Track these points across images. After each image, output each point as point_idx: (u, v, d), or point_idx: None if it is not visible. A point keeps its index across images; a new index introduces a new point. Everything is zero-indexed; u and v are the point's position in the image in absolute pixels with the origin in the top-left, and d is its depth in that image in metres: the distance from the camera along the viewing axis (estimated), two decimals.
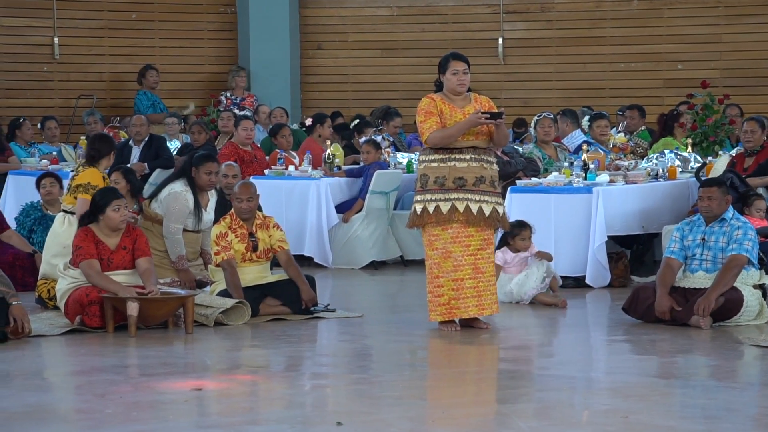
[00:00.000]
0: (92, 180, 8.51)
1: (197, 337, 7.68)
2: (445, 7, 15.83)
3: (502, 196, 7.90)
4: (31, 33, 14.89)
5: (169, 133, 13.62)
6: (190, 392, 6.17)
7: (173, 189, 8.81)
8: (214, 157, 9.05)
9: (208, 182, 8.83)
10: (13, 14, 14.75)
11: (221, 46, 15.88)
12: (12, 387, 6.44)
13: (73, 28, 15.09)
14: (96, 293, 7.81)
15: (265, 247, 8.45)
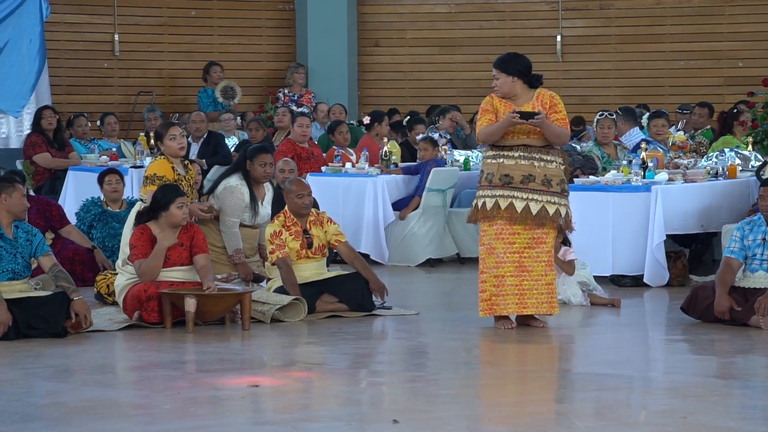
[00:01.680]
0: (158, 171, 8.53)
1: (254, 334, 7.72)
2: (503, 4, 15.77)
3: (564, 196, 7.71)
4: (92, 30, 15.03)
5: (226, 130, 13.69)
6: (246, 388, 6.20)
7: (229, 183, 8.88)
8: (267, 148, 9.11)
9: (263, 174, 8.89)
10: (75, 11, 14.89)
11: (280, 43, 15.94)
12: (72, 382, 6.51)
13: (133, 25, 15.22)
14: (154, 289, 7.87)
15: (320, 244, 8.46)
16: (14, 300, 7.43)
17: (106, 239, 9.76)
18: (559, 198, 7.67)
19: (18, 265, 7.62)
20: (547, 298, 7.73)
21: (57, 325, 7.48)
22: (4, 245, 7.58)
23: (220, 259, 8.79)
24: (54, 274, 7.65)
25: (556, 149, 7.71)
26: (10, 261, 7.58)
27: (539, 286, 7.71)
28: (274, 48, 15.93)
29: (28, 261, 7.70)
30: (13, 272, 7.60)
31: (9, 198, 7.60)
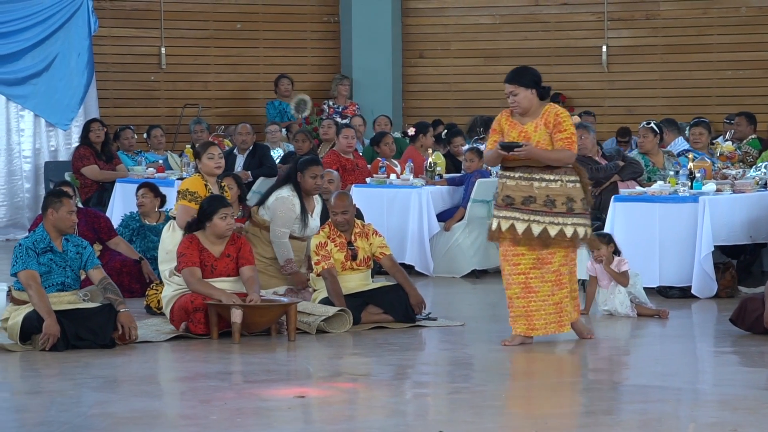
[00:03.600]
0: (191, 186, 8.59)
1: (300, 345, 7.73)
2: (548, 15, 15.74)
3: (575, 215, 7.41)
4: (139, 43, 15.16)
5: (272, 142, 13.75)
6: (292, 399, 6.21)
7: (280, 194, 8.93)
8: (318, 160, 9.15)
9: (313, 186, 8.92)
10: (122, 25, 15.03)
11: (324, 55, 15.99)
12: (119, 392, 6.55)
13: (179, 38, 15.33)
14: (201, 300, 7.91)
15: (365, 256, 8.47)
16: (63, 311, 7.50)
17: (146, 253, 9.82)
18: (565, 218, 7.38)
19: (68, 278, 7.68)
20: (555, 318, 7.51)
21: (105, 336, 7.53)
22: (54, 258, 7.64)
23: (268, 270, 8.82)
24: (103, 287, 7.71)
25: (564, 168, 7.43)
26: (60, 274, 7.65)
27: (546, 306, 7.48)
28: (319, 60, 15.99)
29: (78, 273, 7.77)
30: (63, 285, 7.67)
31: (55, 213, 7.67)
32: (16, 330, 7.47)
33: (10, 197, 14.17)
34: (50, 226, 7.69)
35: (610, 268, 8.62)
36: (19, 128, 14.25)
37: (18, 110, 14.24)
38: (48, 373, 6.97)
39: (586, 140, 10.38)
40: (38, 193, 14.07)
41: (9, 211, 14.16)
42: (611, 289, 8.66)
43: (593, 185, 10.18)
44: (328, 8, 15.97)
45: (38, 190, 14.14)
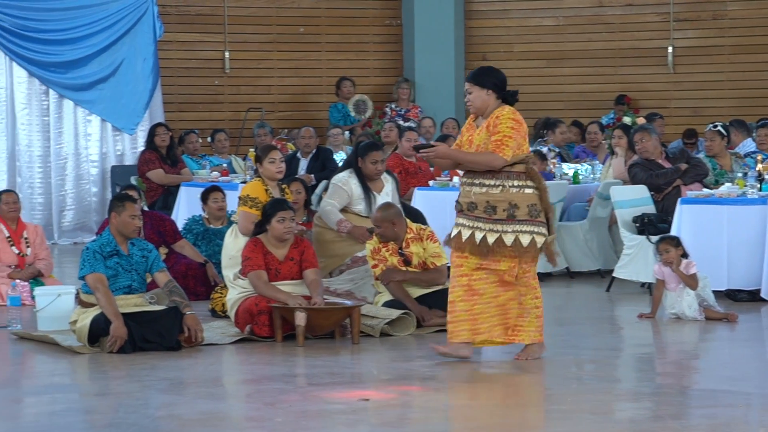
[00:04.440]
0: (251, 192, 8.63)
1: (363, 348, 7.74)
2: (612, 16, 15.63)
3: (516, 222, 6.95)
4: (203, 48, 15.28)
5: (334, 145, 13.79)
6: (357, 402, 6.22)
7: (336, 176, 9.11)
8: (378, 146, 9.21)
9: (374, 171, 8.96)
10: (187, 29, 15.16)
11: (387, 59, 16.02)
12: (185, 394, 6.60)
13: (242, 43, 15.44)
14: (265, 303, 7.95)
15: (420, 261, 8.43)
16: (130, 314, 7.58)
17: (212, 256, 9.87)
18: (505, 225, 6.95)
19: (134, 281, 7.76)
20: (500, 320, 7.11)
21: (171, 338, 7.60)
22: (121, 261, 7.73)
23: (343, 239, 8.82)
24: (169, 290, 7.78)
25: (506, 172, 6.97)
26: (126, 277, 7.73)
27: (490, 308, 7.09)
28: (382, 63, 16.01)
29: (144, 277, 7.85)
30: (129, 288, 7.74)
31: (118, 217, 7.75)
32: (84, 332, 7.56)
33: (78, 201, 14.35)
34: (115, 229, 7.77)
35: (680, 270, 8.53)
36: (87, 133, 14.43)
37: (85, 115, 14.42)
38: (116, 375, 7.04)
39: (647, 143, 10.29)
40: (105, 196, 14.24)
41: (77, 215, 14.34)
42: (679, 293, 8.58)
43: (655, 190, 10.11)
44: (390, 11, 15.99)
45: (105, 194, 14.32)
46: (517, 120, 7.01)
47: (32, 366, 7.53)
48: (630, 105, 15.14)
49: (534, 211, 7.02)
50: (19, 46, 14.10)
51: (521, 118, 7.06)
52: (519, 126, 7.00)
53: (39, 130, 14.22)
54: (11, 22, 14.03)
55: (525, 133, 7.06)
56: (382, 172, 9.07)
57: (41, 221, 13.71)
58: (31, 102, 14.20)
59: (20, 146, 14.16)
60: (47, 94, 14.25)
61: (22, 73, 14.15)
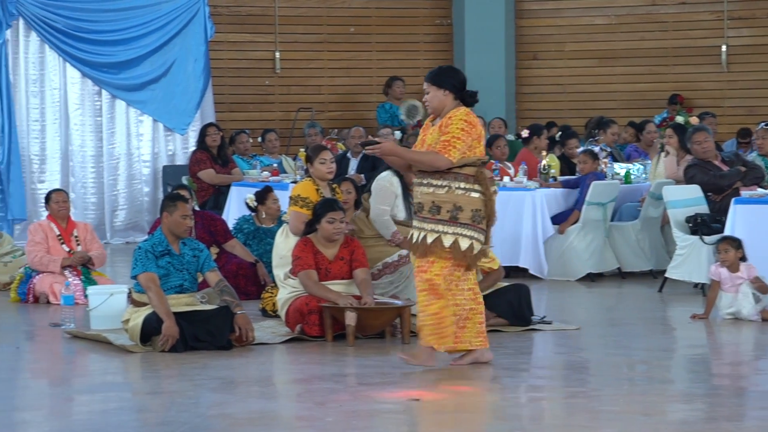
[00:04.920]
0: (303, 192, 8.65)
1: (414, 347, 7.73)
2: (665, 15, 15.52)
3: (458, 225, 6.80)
4: (254, 48, 15.36)
5: None
6: (407, 402, 6.22)
7: (380, 176, 8.95)
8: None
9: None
10: (238, 30, 15.24)
11: (437, 58, 15.99)
12: (236, 393, 6.64)
13: (293, 43, 15.49)
14: (315, 303, 7.97)
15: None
16: (181, 313, 7.63)
17: (263, 256, 9.91)
18: (446, 226, 6.79)
19: (185, 281, 7.81)
20: (433, 329, 6.90)
21: (222, 338, 7.64)
22: (172, 261, 7.78)
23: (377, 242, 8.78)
24: (219, 289, 7.82)
25: (455, 173, 6.82)
26: (178, 276, 7.79)
27: (424, 317, 6.91)
28: (432, 63, 15.96)
29: (195, 276, 7.90)
30: (181, 287, 7.80)
31: (169, 216, 7.80)
32: (136, 331, 7.62)
33: (130, 201, 14.48)
34: (166, 229, 7.83)
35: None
36: (139, 133, 14.55)
37: (137, 115, 14.55)
38: (167, 374, 7.09)
39: (709, 143, 10.20)
40: (157, 196, 14.35)
41: (129, 215, 14.47)
42: (736, 294, 8.51)
43: (715, 192, 10.02)
44: (440, 11, 15.98)
45: (157, 194, 14.43)
46: (470, 122, 6.86)
47: (85, 364, 7.60)
48: (683, 104, 15.02)
49: (477, 216, 6.86)
50: (73, 47, 14.24)
51: (475, 121, 6.91)
52: (470, 128, 6.85)
53: (92, 130, 14.35)
54: (64, 23, 14.17)
55: (478, 136, 6.88)
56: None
57: (94, 221, 13.85)
58: (84, 102, 14.34)
59: (73, 146, 14.30)
60: (100, 94, 14.39)
61: (75, 74, 14.30)
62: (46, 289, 9.69)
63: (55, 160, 14.25)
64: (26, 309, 9.58)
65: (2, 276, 10.49)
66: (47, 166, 14.22)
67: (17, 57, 14.04)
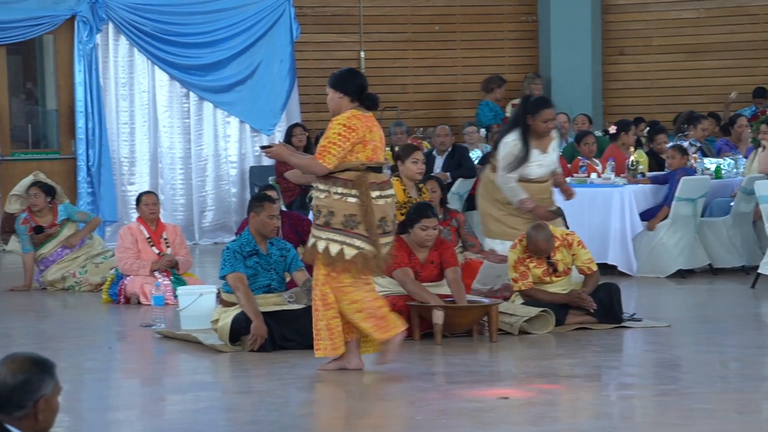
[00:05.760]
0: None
1: (502, 346, 7.71)
2: (756, 7, 15.26)
3: (330, 230, 6.75)
4: (339, 48, 15.41)
5: (470, 143, 13.76)
6: (496, 401, 6.19)
7: (505, 139, 8.62)
8: (550, 102, 8.74)
9: (544, 129, 8.52)
10: (323, 30, 15.30)
11: (522, 55, 15.92)
12: (325, 392, 6.66)
13: (378, 42, 15.52)
14: (402, 303, 7.96)
15: (565, 267, 8.32)
16: (270, 313, 7.68)
17: None
18: (320, 231, 6.76)
19: (273, 281, 7.86)
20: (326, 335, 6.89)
21: (310, 337, 7.64)
22: (260, 261, 7.84)
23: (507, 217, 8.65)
24: (307, 288, 7.85)
25: (334, 178, 6.75)
26: (266, 276, 7.84)
27: (318, 328, 6.92)
28: (517, 60, 15.93)
29: (283, 276, 7.94)
30: (269, 287, 7.85)
31: (257, 217, 7.86)
32: (225, 331, 7.69)
33: (218, 202, 14.63)
34: (254, 229, 7.89)
35: None
36: (226, 134, 14.69)
37: (224, 117, 14.69)
38: (257, 374, 7.13)
39: None
40: (244, 197, 14.48)
41: (217, 215, 14.61)
42: None
43: None
44: (525, 7, 15.89)
45: (244, 194, 14.55)
46: (348, 126, 6.73)
47: (176, 364, 7.68)
48: None
49: (351, 222, 6.74)
50: (161, 50, 14.43)
51: (357, 125, 6.74)
52: (349, 132, 6.72)
53: (180, 132, 14.53)
54: (153, 26, 14.36)
55: (359, 140, 6.74)
56: (553, 128, 8.62)
57: (182, 222, 14.00)
58: (172, 105, 14.52)
59: (162, 148, 14.49)
60: (188, 96, 14.55)
61: (163, 77, 14.48)
62: (136, 290, 9.82)
63: (144, 162, 14.44)
64: (117, 310, 9.71)
65: (94, 277, 10.66)
66: (137, 168, 14.42)
67: (107, 61, 14.26)
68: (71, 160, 14.21)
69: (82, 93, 14.03)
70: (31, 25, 13.94)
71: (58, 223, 10.79)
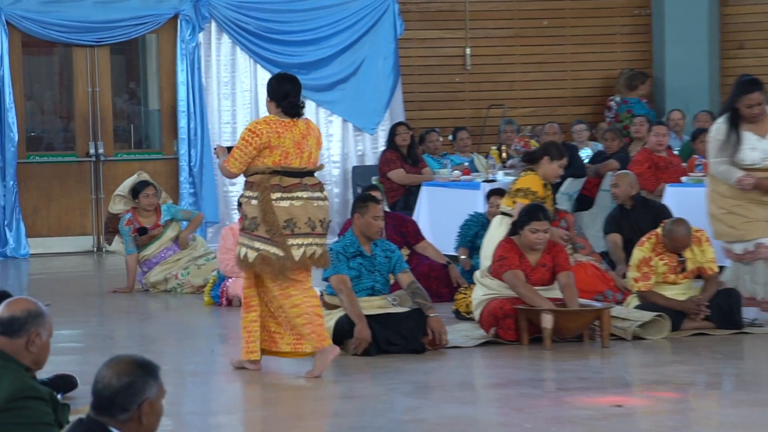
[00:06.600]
0: (532, 186, 8.60)
1: (614, 351, 7.59)
2: None
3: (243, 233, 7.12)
4: (444, 44, 15.33)
5: (579, 141, 13.59)
6: (609, 408, 6.08)
7: (713, 128, 8.52)
8: (756, 86, 8.45)
9: (749, 114, 8.33)
10: (427, 27, 15.24)
11: (635, 50, 15.68)
12: (431, 398, 6.61)
13: (484, 38, 15.40)
14: (510, 306, 7.87)
15: (693, 267, 8.14)
16: (373, 316, 7.64)
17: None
18: (241, 236, 7.14)
19: (377, 283, 7.84)
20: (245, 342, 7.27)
21: (415, 341, 7.63)
22: (364, 262, 7.81)
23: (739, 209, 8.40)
24: (411, 291, 7.81)
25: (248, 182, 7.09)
26: (370, 278, 7.81)
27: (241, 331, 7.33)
28: (629, 55, 15.69)
29: (387, 278, 7.91)
30: (372, 289, 7.82)
31: (361, 218, 7.84)
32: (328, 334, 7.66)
33: None
34: (358, 230, 7.87)
35: None
36: (328, 133, 14.72)
37: (327, 116, 14.72)
38: (360, 378, 7.11)
39: None
40: (347, 197, 14.49)
41: None
42: None
43: None
44: (638, 0, 15.65)
45: (346, 195, 14.57)
46: (254, 132, 7.01)
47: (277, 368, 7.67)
48: None
49: (253, 224, 7.02)
50: (263, 48, 14.51)
51: (263, 130, 6.99)
52: (253, 138, 6.99)
53: None
54: (255, 24, 14.45)
55: (264, 145, 6.98)
56: (759, 113, 8.35)
57: None
58: None
59: None
60: None
61: (265, 75, 14.51)
62: (239, 292, 9.86)
63: None
64: (219, 312, 9.78)
65: (196, 279, 10.75)
66: None
67: (209, 60, 14.39)
68: (173, 161, 14.37)
69: (184, 92, 14.17)
70: (134, 25, 14.12)
71: (161, 224, 10.90)
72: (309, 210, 7.06)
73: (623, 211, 9.89)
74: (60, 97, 14.76)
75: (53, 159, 14.21)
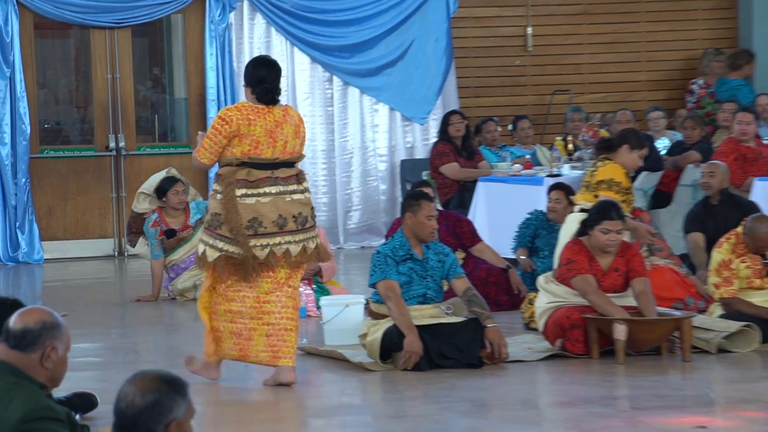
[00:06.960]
0: (615, 176, 8.61)
1: (696, 366, 7.59)
2: None
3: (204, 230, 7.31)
4: (502, 24, 15.33)
5: (655, 130, 13.53)
6: (691, 430, 6.09)
7: None
8: None
9: None
10: (484, 4, 15.23)
11: (718, 27, 15.61)
12: (491, 418, 6.63)
13: (547, 16, 15.39)
14: (578, 315, 7.87)
15: None
16: (425, 327, 7.66)
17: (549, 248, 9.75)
18: (203, 233, 7.37)
19: (429, 289, 7.85)
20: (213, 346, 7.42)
21: (472, 354, 7.64)
22: (415, 267, 7.82)
23: None
24: (467, 299, 7.82)
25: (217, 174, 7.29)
26: (421, 284, 7.82)
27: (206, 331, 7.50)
28: (712, 34, 15.62)
29: (440, 284, 7.92)
30: (424, 296, 7.84)
31: (413, 217, 7.86)
32: (375, 347, 7.69)
33: (365, 200, 14.68)
34: (409, 231, 7.88)
35: None
36: (374, 124, 14.76)
37: (372, 104, 14.75)
38: (411, 396, 7.14)
39: None
40: (394, 195, 14.53)
41: (364, 215, 14.67)
42: None
43: None
44: None
45: (394, 192, 14.60)
46: (223, 119, 7.20)
47: (319, 384, 7.73)
48: None
49: (215, 221, 7.18)
50: (301, 29, 14.56)
51: (232, 117, 7.18)
52: (222, 126, 7.19)
53: (322, 121, 14.64)
54: (292, 3, 14.50)
55: (233, 133, 7.16)
56: None
57: (325, 223, 14.11)
58: (313, 91, 14.64)
59: None
60: (331, 81, 14.66)
61: (303, 60, 14.61)
62: None
63: None
64: None
65: None
66: None
67: (241, 42, 14.46)
68: None
69: (213, 79, 14.26)
70: (158, 4, 14.24)
71: (191, 225, 10.94)
72: (279, 206, 7.19)
73: (707, 207, 9.83)
74: (76, 84, 14.90)
75: (69, 153, 14.35)
